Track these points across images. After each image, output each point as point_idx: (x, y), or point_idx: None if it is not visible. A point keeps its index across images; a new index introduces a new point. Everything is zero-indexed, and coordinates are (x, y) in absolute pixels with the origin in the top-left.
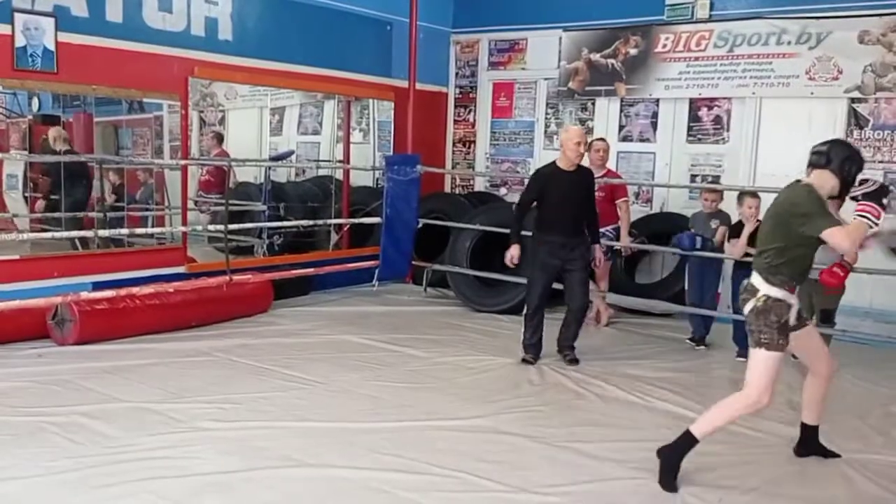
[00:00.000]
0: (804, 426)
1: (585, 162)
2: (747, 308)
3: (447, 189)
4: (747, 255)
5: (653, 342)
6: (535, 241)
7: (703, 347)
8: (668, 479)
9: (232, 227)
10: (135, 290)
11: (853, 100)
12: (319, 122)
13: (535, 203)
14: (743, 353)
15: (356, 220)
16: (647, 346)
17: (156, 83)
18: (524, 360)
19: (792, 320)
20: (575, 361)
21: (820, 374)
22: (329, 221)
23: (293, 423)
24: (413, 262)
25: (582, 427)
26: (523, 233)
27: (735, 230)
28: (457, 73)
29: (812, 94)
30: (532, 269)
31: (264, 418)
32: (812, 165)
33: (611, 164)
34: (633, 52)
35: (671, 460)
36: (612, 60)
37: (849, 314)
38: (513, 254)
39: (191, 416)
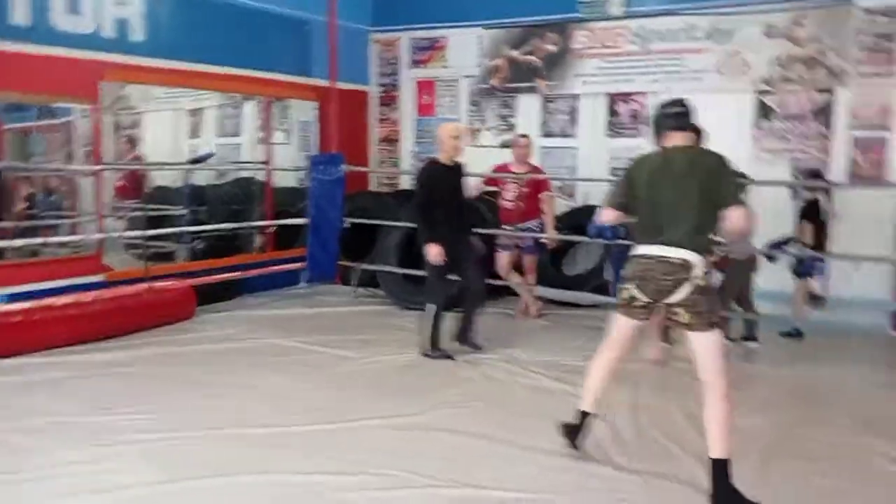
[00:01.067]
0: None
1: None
2: (684, 291)
3: (372, 188)
4: None
5: (581, 332)
6: (426, 239)
7: None
8: None
9: (150, 232)
10: (51, 301)
11: (761, 92)
12: (239, 123)
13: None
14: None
15: (280, 222)
16: (576, 337)
17: (66, 88)
18: (447, 356)
19: None
20: (479, 347)
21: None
22: (252, 224)
23: (221, 430)
24: (340, 263)
25: (515, 419)
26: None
27: None
28: (379, 72)
29: (722, 88)
30: (430, 268)
31: (191, 427)
32: (681, 129)
33: (534, 160)
34: (551, 48)
35: (728, 497)
36: (532, 57)
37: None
38: (436, 251)
39: (115, 429)
